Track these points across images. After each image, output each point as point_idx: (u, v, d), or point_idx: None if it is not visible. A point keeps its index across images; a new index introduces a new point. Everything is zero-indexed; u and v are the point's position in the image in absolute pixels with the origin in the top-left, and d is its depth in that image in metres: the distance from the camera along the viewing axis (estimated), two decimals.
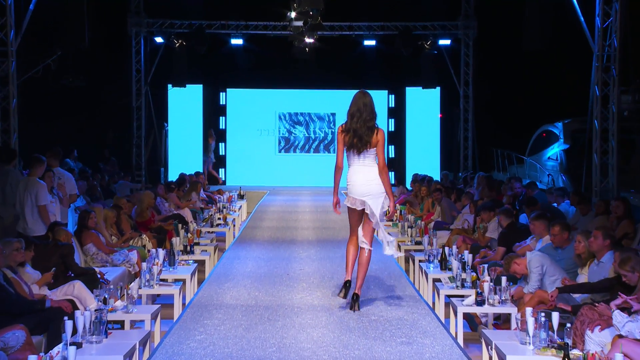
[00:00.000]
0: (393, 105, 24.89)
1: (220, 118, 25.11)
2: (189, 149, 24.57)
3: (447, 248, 9.84)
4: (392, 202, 8.16)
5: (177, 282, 9.06)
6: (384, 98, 24.46)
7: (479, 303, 7.66)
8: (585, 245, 8.05)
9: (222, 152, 25.15)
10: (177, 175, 19.52)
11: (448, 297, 8.50)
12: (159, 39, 22.58)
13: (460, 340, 7.61)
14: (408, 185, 20.47)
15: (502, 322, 8.51)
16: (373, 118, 8.04)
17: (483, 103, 23.41)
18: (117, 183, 18.15)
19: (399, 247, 12.33)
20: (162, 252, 9.50)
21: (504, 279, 7.82)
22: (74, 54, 19.64)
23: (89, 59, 20.84)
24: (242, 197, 19.34)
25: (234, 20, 22.30)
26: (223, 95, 25.10)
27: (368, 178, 7.99)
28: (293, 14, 16.34)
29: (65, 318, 6.23)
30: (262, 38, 22.67)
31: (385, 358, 6.53)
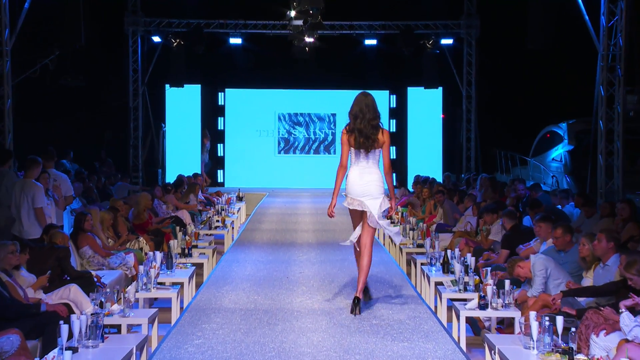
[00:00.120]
0: (394, 106, 24.89)
1: (219, 118, 25.13)
2: (187, 150, 24.58)
3: (449, 251, 9.84)
4: (393, 201, 8.28)
5: (174, 285, 9.05)
6: (385, 98, 24.46)
7: (482, 307, 7.66)
8: (590, 248, 8.05)
9: (220, 153, 25.17)
10: (175, 177, 19.52)
11: (450, 300, 8.49)
12: (157, 39, 22.59)
13: (463, 345, 7.61)
14: (410, 187, 20.47)
15: (505, 326, 8.50)
16: (377, 117, 8.14)
17: (486, 103, 23.43)
18: (115, 185, 18.14)
19: (401, 250, 12.36)
20: (159, 255, 9.50)
21: (508, 282, 7.81)
22: (71, 54, 19.65)
23: (86, 59, 20.86)
24: (241, 199, 19.34)
25: (233, 20, 22.31)
26: (222, 96, 25.11)
27: (367, 179, 8.09)
28: (293, 13, 16.35)
29: (61, 322, 6.22)
30: (261, 37, 22.68)
31: None
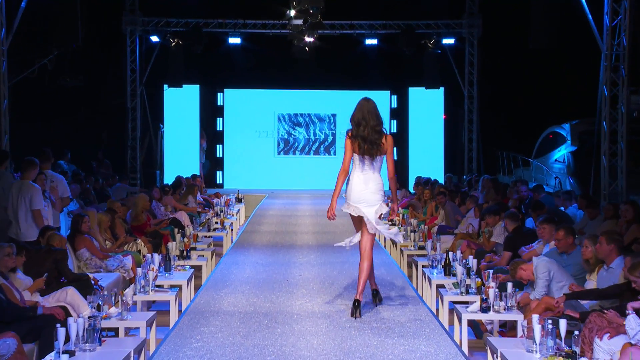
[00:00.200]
0: (395, 106, 24.90)
1: (218, 119, 25.13)
2: (186, 151, 24.57)
3: (451, 253, 9.84)
4: (396, 204, 8.62)
5: (173, 288, 9.05)
6: (386, 99, 24.47)
7: (484, 310, 7.65)
8: (593, 251, 8.04)
9: (219, 154, 25.18)
10: (173, 178, 19.52)
11: (452, 303, 8.49)
12: (155, 38, 22.59)
13: (465, 348, 7.61)
14: (411, 189, 20.46)
15: (508, 329, 8.50)
16: (380, 123, 8.32)
17: (488, 104, 23.43)
18: (114, 186, 18.14)
19: (402, 252, 12.35)
20: (157, 257, 9.50)
21: (510, 285, 7.81)
22: (70, 54, 19.65)
23: (83, 59, 20.86)
24: (240, 200, 19.34)
25: (232, 19, 22.31)
26: (220, 96, 25.11)
27: (367, 186, 8.29)
28: (292, 12, 16.36)
29: (58, 325, 6.22)
30: (260, 37, 22.68)
31: None
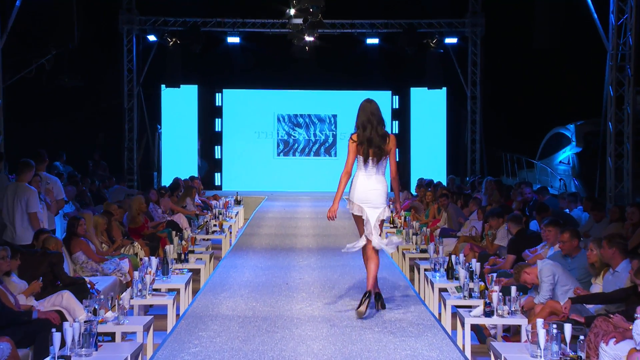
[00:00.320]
0: (397, 107, 24.89)
1: (216, 120, 25.12)
2: (184, 153, 24.58)
3: (453, 256, 9.84)
4: (398, 204, 8.91)
5: (170, 292, 9.05)
6: (388, 99, 24.46)
7: (488, 314, 7.65)
8: (598, 254, 8.04)
9: (218, 155, 25.18)
10: (170, 180, 19.51)
11: (455, 307, 8.49)
12: (152, 37, 22.59)
13: (468, 353, 7.60)
14: (413, 191, 20.47)
15: (511, 334, 8.50)
16: (383, 125, 8.45)
17: (491, 104, 23.42)
18: (111, 188, 18.13)
19: (404, 255, 12.35)
20: (155, 260, 9.49)
21: (514, 289, 7.81)
22: (67, 54, 19.64)
23: (81, 59, 20.85)
24: (239, 202, 19.34)
25: (231, 18, 22.32)
26: (219, 96, 25.11)
27: (372, 187, 8.40)
28: (292, 11, 16.37)
29: (53, 330, 6.22)
30: (260, 36, 22.68)
31: None
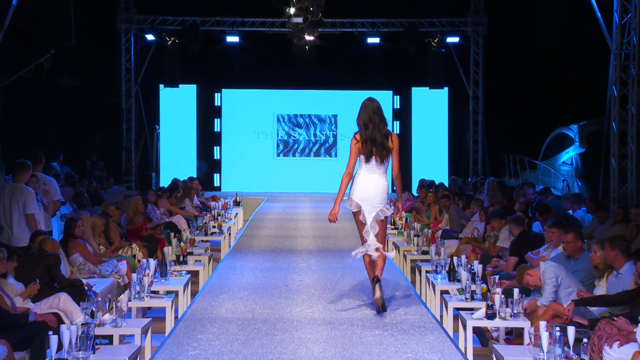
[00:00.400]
0: (398, 107, 24.90)
1: (215, 120, 25.12)
2: (182, 153, 24.58)
3: (455, 258, 9.83)
4: (400, 203, 8.85)
5: (169, 294, 9.04)
6: (389, 99, 24.48)
7: (490, 316, 7.65)
8: (601, 256, 8.04)
9: (217, 156, 25.18)
10: (169, 181, 19.51)
11: (457, 310, 8.49)
12: (150, 37, 22.60)
13: (470, 356, 7.60)
14: (414, 192, 20.46)
15: (514, 336, 8.49)
16: (385, 124, 8.51)
17: (493, 104, 23.42)
18: (110, 189, 18.12)
19: (405, 257, 12.34)
20: (153, 262, 9.50)
21: (516, 291, 7.80)
22: (66, 54, 19.64)
23: (79, 59, 20.84)
24: (238, 203, 19.35)
25: (230, 17, 22.32)
26: (218, 96, 25.11)
27: (374, 185, 8.46)
28: (292, 10, 16.36)
29: (50, 333, 6.21)
30: (259, 35, 22.69)
31: None
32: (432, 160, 24.55)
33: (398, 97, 24.89)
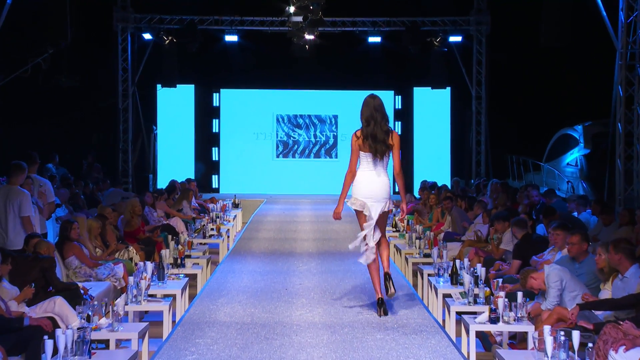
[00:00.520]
0: (400, 107, 24.91)
1: (214, 120, 25.13)
2: (180, 154, 24.58)
3: (458, 261, 9.83)
4: (404, 204, 8.99)
5: (166, 297, 9.04)
6: (390, 99, 24.48)
7: (493, 320, 7.64)
8: (606, 259, 8.03)
9: (215, 157, 25.18)
10: (166, 183, 19.51)
11: (459, 314, 8.48)
12: (147, 36, 22.60)
13: None
14: (416, 193, 20.45)
15: (518, 341, 8.49)
16: (387, 121, 8.59)
17: (497, 105, 23.42)
18: (107, 191, 18.10)
19: (407, 260, 12.34)
20: (150, 265, 9.49)
21: (520, 295, 7.80)
22: (61, 53, 19.62)
23: (77, 58, 20.84)
24: (237, 205, 19.35)
25: (228, 16, 22.32)
26: (216, 96, 25.12)
27: (376, 181, 8.56)
28: (292, 9, 16.36)
29: (45, 337, 6.21)
30: (258, 35, 22.69)
31: None
32: (434, 162, 24.56)
33: (400, 97, 24.90)
